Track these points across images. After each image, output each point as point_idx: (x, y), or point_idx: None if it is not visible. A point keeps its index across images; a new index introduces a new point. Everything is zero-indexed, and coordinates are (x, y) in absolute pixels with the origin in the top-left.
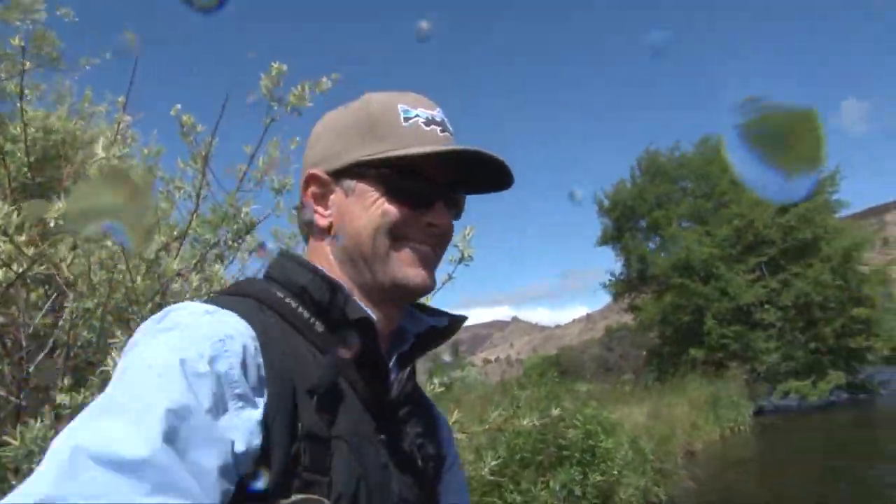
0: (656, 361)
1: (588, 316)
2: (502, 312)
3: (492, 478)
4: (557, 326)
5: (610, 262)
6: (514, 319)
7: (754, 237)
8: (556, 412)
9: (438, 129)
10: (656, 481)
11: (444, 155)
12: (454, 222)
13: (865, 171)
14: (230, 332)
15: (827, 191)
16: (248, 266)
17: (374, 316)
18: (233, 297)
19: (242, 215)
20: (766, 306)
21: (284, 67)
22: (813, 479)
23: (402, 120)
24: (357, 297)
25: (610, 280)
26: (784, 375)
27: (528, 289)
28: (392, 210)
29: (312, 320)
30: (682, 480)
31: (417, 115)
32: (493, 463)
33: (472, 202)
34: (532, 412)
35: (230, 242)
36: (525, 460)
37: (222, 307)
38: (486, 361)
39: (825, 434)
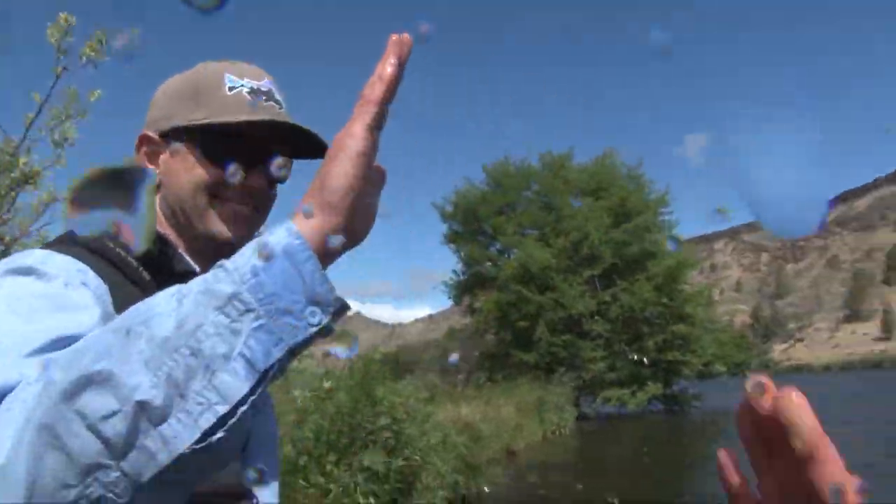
0: (489, 363)
1: (430, 316)
2: None
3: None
4: (400, 324)
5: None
6: (357, 315)
7: (589, 250)
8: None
9: (262, 98)
10: (468, 473)
11: (258, 123)
12: (285, 185)
13: (703, 202)
14: (82, 268)
15: (659, 211)
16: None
17: (198, 268)
18: (64, 244)
19: (21, 165)
20: (596, 318)
21: (73, 19)
22: (622, 480)
23: (227, 89)
24: (183, 251)
25: (451, 280)
26: (608, 384)
27: (373, 284)
28: (208, 171)
29: (141, 269)
30: (498, 476)
31: (242, 85)
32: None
33: None
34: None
35: (3, 191)
36: (331, 443)
37: (60, 252)
38: (326, 355)
39: (639, 440)
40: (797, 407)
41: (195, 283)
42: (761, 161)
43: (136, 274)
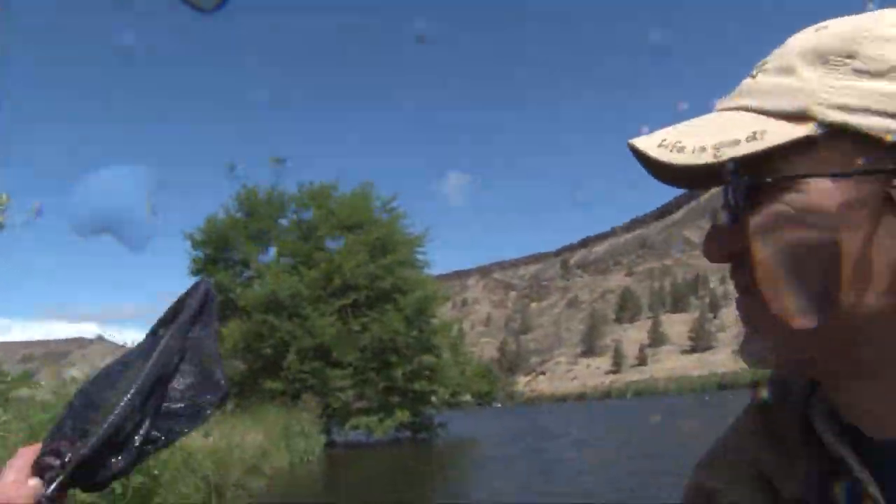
0: (237, 390)
1: None
2: (87, 329)
3: None
4: None
5: None
6: (99, 338)
7: (342, 281)
8: None
9: None
10: (212, 496)
11: None
12: None
13: (459, 238)
14: None
15: (415, 250)
16: None
17: None
18: None
19: None
20: (350, 341)
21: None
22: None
23: None
24: None
25: None
26: (356, 411)
27: (118, 307)
28: None
29: None
30: (243, 500)
31: None
32: None
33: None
34: None
35: None
36: None
37: None
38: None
39: (386, 467)
40: None
41: None
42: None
43: None
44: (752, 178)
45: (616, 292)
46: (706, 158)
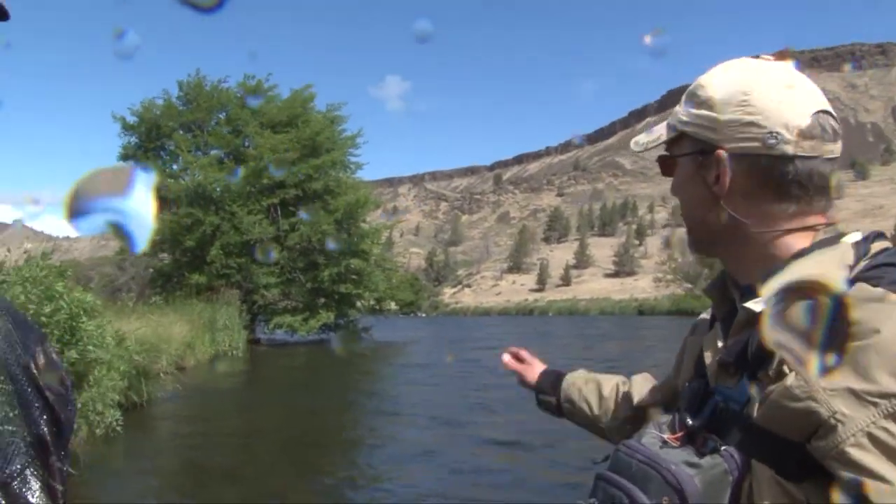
0: (162, 282)
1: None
2: (4, 213)
3: None
4: (67, 238)
5: None
6: (18, 222)
7: (271, 179)
8: None
9: None
10: (139, 379)
11: None
12: None
13: (393, 145)
14: None
15: (348, 151)
16: None
17: None
18: None
19: None
20: (274, 244)
21: None
22: (287, 398)
23: None
24: None
25: None
26: (281, 310)
27: (41, 192)
28: None
29: None
30: (168, 386)
31: None
32: None
33: None
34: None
35: None
36: None
37: None
38: None
39: (307, 364)
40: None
41: None
42: None
43: None
44: (668, 154)
45: (546, 211)
46: (652, 144)
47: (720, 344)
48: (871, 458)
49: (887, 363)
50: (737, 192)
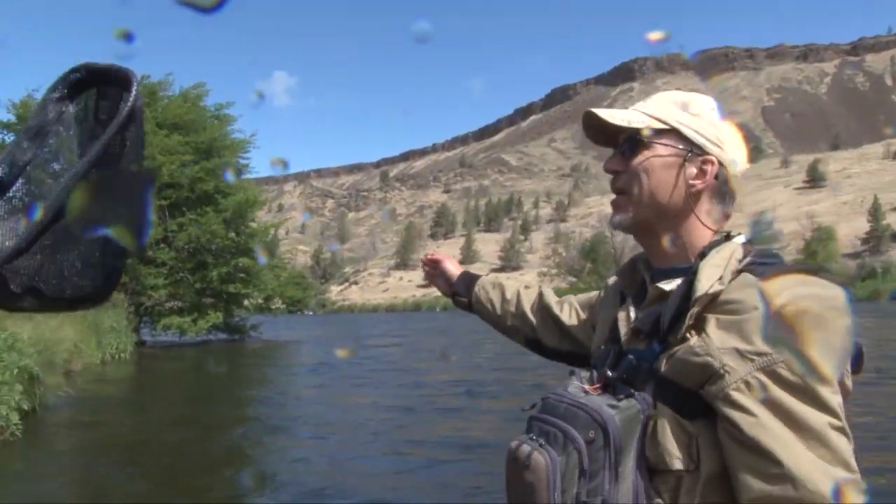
0: None
1: None
2: None
3: None
4: None
5: None
6: None
7: (161, 182)
8: None
9: None
10: (34, 383)
11: None
12: None
13: (279, 142)
14: None
15: (238, 154)
16: None
17: None
18: None
19: None
20: (162, 245)
21: None
22: (177, 401)
23: None
24: None
25: None
26: (169, 311)
27: None
28: None
29: None
30: (56, 391)
31: None
32: None
33: None
34: None
35: None
36: None
37: None
38: None
39: (196, 366)
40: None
41: None
42: None
43: None
44: (637, 139)
45: (433, 208)
46: (625, 124)
47: (633, 315)
48: (746, 399)
49: (762, 330)
50: (703, 190)
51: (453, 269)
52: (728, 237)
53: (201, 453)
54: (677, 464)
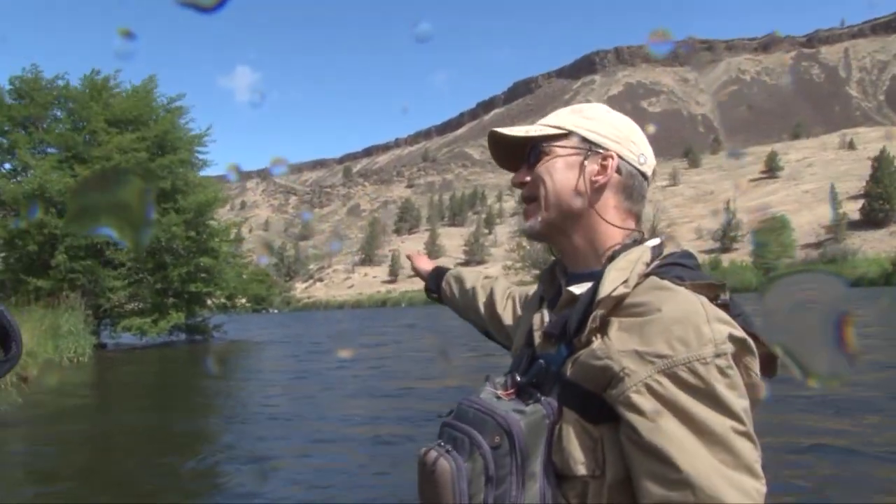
0: None
1: None
2: None
3: None
4: None
5: None
6: None
7: None
8: None
9: None
10: None
11: None
12: None
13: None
14: None
15: (194, 150)
16: None
17: None
18: None
19: None
20: (119, 246)
21: None
22: (138, 406)
23: None
24: None
25: None
26: (129, 312)
27: None
28: None
29: None
30: (11, 398)
31: None
32: None
33: None
34: None
35: None
36: None
37: None
38: None
39: (157, 368)
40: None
41: None
42: None
43: None
44: (539, 147)
45: (397, 203)
46: (524, 134)
47: (546, 320)
48: (646, 403)
49: (663, 333)
50: (607, 186)
51: (424, 265)
52: (641, 241)
53: (159, 460)
54: (582, 469)
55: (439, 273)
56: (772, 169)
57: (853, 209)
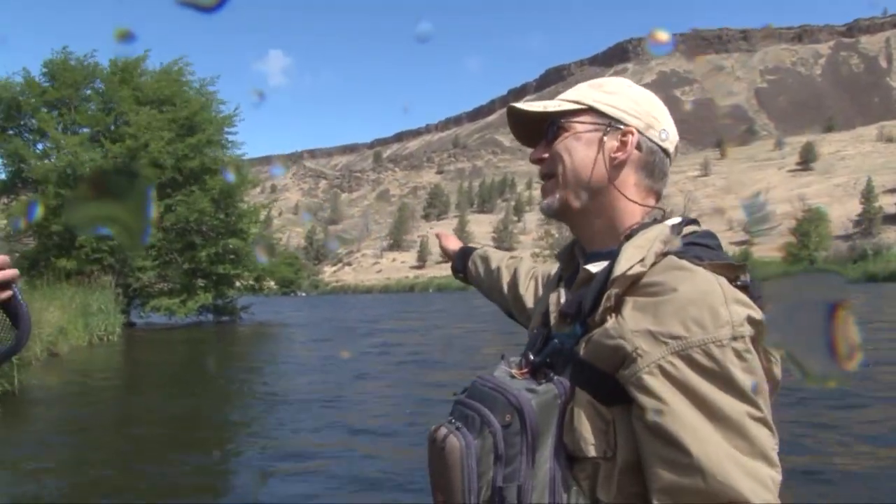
0: (27, 266)
1: None
2: None
3: None
4: None
5: None
6: None
7: (149, 160)
8: None
9: None
10: (13, 367)
11: None
12: None
13: (274, 122)
14: None
15: (224, 130)
16: None
17: None
18: None
19: None
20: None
21: None
22: (166, 384)
23: None
24: None
25: None
26: (157, 292)
27: None
28: None
29: None
30: (40, 375)
31: None
32: None
33: None
34: None
35: None
36: None
37: None
38: None
39: (186, 348)
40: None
41: None
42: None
43: None
44: (557, 123)
45: (426, 189)
46: (542, 110)
47: (563, 299)
48: (658, 384)
49: (678, 313)
50: (626, 163)
51: (452, 245)
52: (662, 220)
53: (188, 436)
54: (593, 451)
55: (466, 253)
56: (807, 161)
57: (889, 202)
